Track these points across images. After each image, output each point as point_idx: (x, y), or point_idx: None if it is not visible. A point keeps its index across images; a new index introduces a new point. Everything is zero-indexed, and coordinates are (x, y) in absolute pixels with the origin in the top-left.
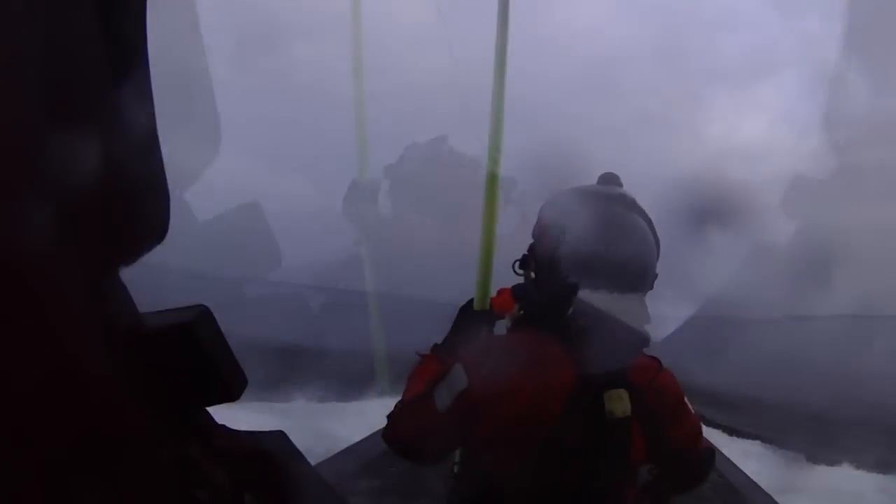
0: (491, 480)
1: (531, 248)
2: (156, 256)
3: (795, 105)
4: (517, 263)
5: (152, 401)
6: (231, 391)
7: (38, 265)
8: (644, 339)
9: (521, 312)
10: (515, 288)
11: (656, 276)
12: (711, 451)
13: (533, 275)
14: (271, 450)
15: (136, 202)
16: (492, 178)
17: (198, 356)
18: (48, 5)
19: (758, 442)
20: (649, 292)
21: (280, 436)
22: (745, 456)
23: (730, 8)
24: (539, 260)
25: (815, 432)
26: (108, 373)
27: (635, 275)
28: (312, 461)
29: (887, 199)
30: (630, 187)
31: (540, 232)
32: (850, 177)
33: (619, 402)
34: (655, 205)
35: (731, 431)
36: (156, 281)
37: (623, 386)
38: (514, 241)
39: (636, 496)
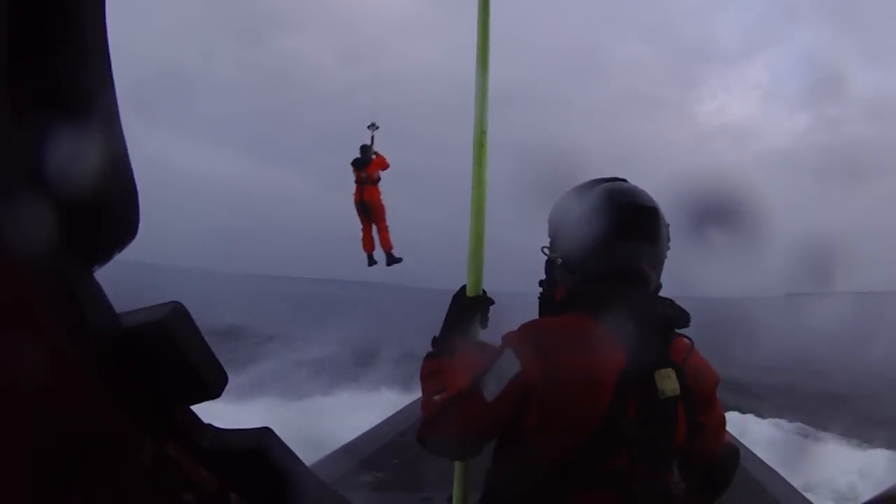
0: (539, 469)
1: (551, 244)
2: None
3: (785, 81)
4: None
5: (130, 402)
6: (210, 389)
7: (14, 270)
8: (685, 316)
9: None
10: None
11: (668, 225)
12: (735, 449)
13: (560, 261)
14: (257, 446)
15: (107, 205)
16: (479, 163)
17: (173, 354)
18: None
19: (765, 420)
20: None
21: (266, 432)
22: (753, 434)
23: None
24: (565, 245)
25: (820, 409)
26: (85, 375)
27: (657, 219)
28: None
29: (880, 174)
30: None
31: (558, 223)
32: (842, 152)
33: (669, 381)
34: (652, 187)
35: (739, 411)
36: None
37: (669, 365)
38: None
39: (673, 482)
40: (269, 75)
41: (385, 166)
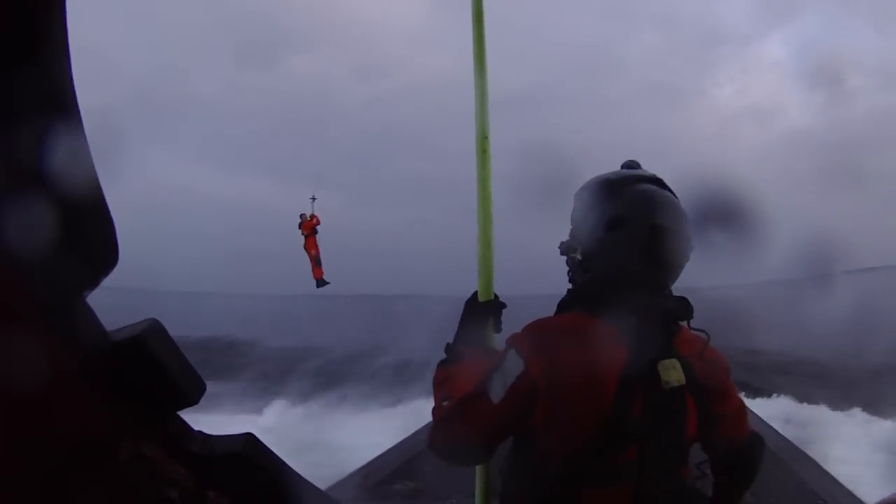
0: (550, 467)
1: (572, 234)
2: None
3: (801, 57)
4: (562, 246)
5: (116, 409)
6: (188, 396)
7: (15, 297)
8: (688, 310)
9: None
10: None
11: (692, 247)
12: (760, 438)
13: (579, 258)
14: (240, 450)
15: (88, 237)
16: (483, 168)
17: (149, 364)
18: None
19: (782, 398)
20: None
21: (249, 437)
22: (773, 413)
23: None
24: (586, 243)
25: (836, 384)
26: (73, 382)
27: (685, 244)
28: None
29: None
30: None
31: (583, 216)
32: (863, 124)
33: (674, 372)
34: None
35: (757, 391)
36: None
37: (673, 356)
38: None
39: (689, 476)
40: (288, 96)
41: (316, 224)
